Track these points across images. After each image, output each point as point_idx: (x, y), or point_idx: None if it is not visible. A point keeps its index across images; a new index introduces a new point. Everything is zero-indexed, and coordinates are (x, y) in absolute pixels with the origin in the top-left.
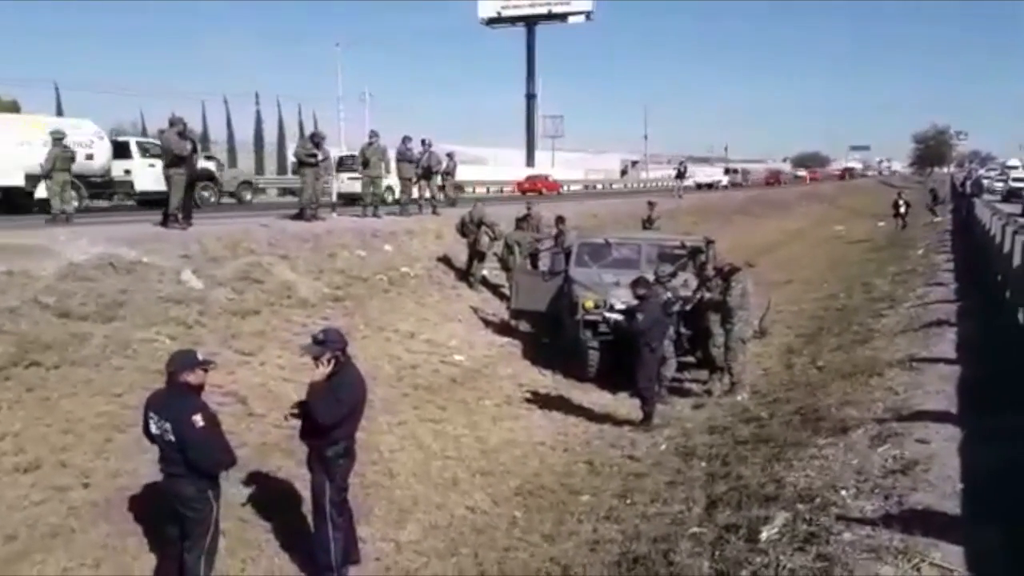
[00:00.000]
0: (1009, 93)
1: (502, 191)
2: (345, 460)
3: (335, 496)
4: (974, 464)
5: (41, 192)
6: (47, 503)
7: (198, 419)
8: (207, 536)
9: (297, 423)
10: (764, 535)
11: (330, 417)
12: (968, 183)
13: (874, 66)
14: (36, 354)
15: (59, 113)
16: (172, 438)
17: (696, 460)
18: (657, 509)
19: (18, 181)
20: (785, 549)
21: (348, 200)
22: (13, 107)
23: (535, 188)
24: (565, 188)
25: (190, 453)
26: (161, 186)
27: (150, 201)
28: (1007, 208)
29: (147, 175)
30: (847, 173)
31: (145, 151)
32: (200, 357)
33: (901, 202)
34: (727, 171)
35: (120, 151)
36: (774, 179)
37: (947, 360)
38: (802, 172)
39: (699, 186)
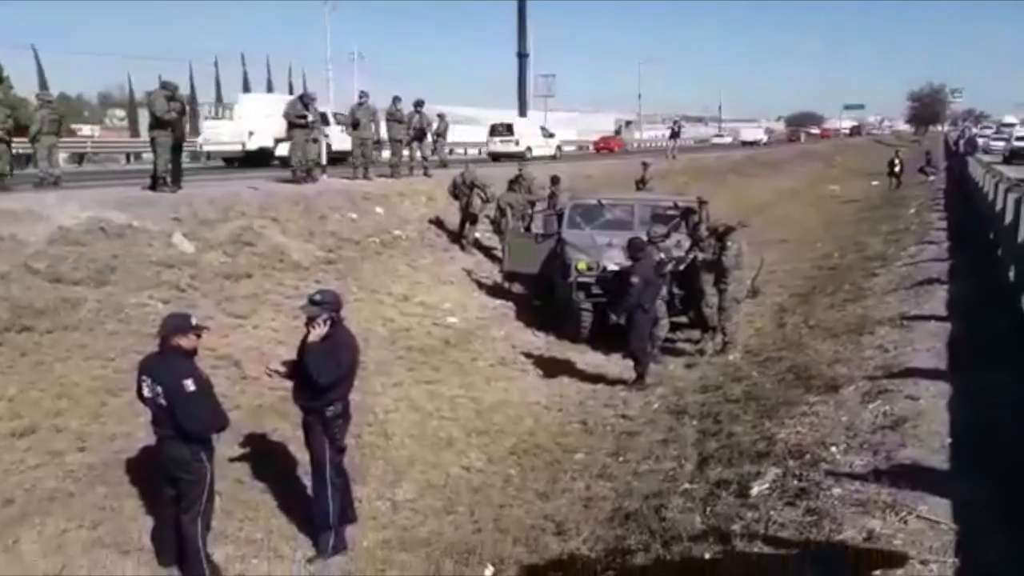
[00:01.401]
0: (1004, 52)
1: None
2: (342, 420)
3: (334, 456)
4: (962, 420)
5: (281, 151)
6: (44, 467)
7: (189, 383)
8: (202, 497)
9: (288, 386)
10: (755, 491)
11: (328, 378)
12: (961, 142)
13: (867, 24)
14: (28, 319)
15: (40, 78)
16: (164, 402)
17: (688, 418)
18: (649, 466)
19: (268, 143)
20: (775, 504)
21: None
22: None
23: (609, 147)
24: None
25: (180, 416)
26: (347, 145)
27: (334, 159)
28: (1011, 172)
29: (339, 138)
30: (855, 131)
31: (337, 120)
32: (193, 321)
33: (897, 161)
34: (767, 131)
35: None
36: (796, 136)
37: (938, 318)
38: (815, 130)
39: (744, 143)
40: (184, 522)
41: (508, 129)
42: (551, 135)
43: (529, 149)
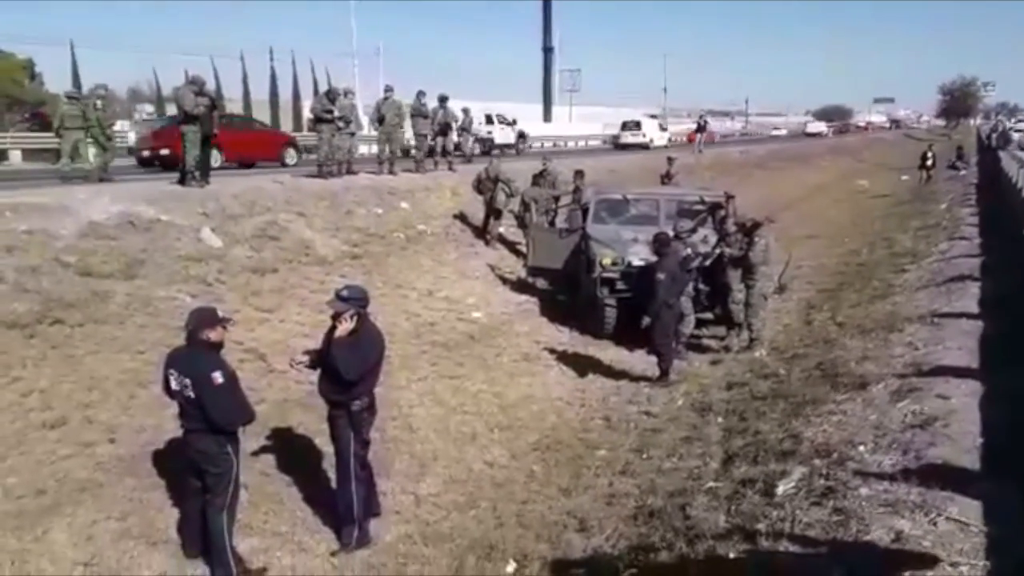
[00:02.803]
0: None
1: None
2: (368, 414)
3: (359, 450)
4: (995, 420)
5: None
6: (74, 458)
7: (217, 376)
8: (228, 490)
9: (313, 379)
10: (780, 489)
11: (355, 373)
12: (994, 136)
13: (896, 16)
14: (59, 312)
15: (74, 72)
16: (192, 394)
17: (713, 416)
18: (673, 464)
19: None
20: (801, 503)
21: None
22: (29, 66)
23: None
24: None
25: (209, 409)
26: (508, 139)
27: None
28: None
29: (500, 134)
30: (895, 124)
31: (501, 120)
32: (220, 314)
33: (930, 154)
34: (828, 124)
35: (488, 120)
36: (845, 128)
37: (969, 315)
38: (862, 123)
39: (807, 135)
40: (210, 514)
41: (637, 125)
42: (665, 129)
43: (652, 140)
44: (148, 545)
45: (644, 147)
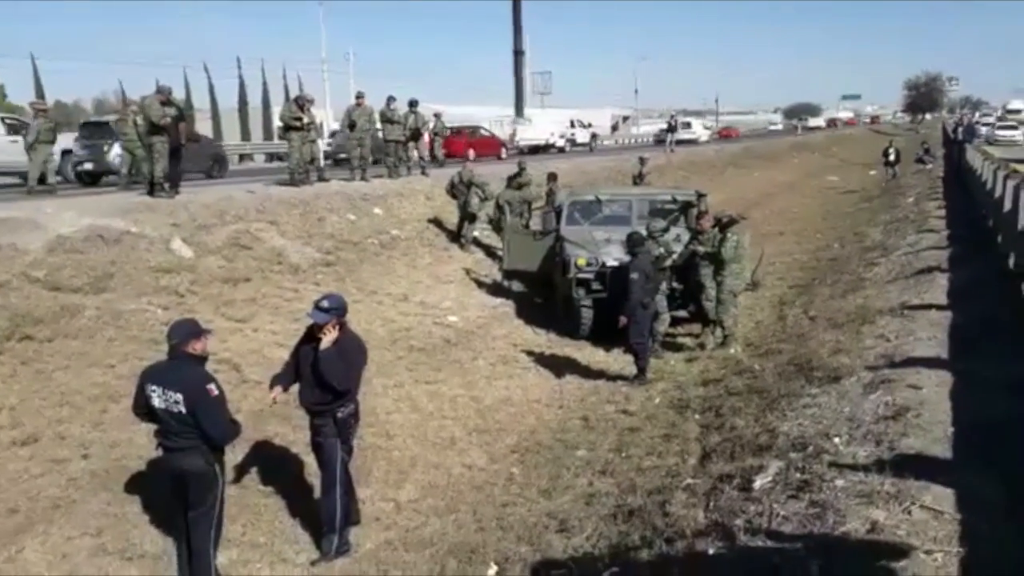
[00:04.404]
0: (999, 38)
1: None
2: (354, 420)
3: (346, 457)
4: (965, 409)
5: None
6: (47, 475)
7: (212, 387)
8: (216, 506)
9: (290, 391)
10: (758, 484)
11: (345, 382)
12: (960, 129)
13: (862, 13)
14: (28, 328)
15: (37, 85)
16: (183, 409)
17: (690, 413)
18: (652, 462)
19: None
20: (778, 497)
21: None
22: None
23: (729, 135)
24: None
25: (205, 424)
26: (585, 139)
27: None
28: None
29: (581, 134)
30: (875, 119)
31: (581, 124)
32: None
33: (891, 151)
34: (826, 120)
35: (572, 124)
36: (833, 123)
37: (938, 306)
38: (846, 117)
39: (807, 128)
40: (197, 535)
41: (688, 124)
42: (708, 127)
43: (699, 136)
44: (124, 560)
45: (694, 142)
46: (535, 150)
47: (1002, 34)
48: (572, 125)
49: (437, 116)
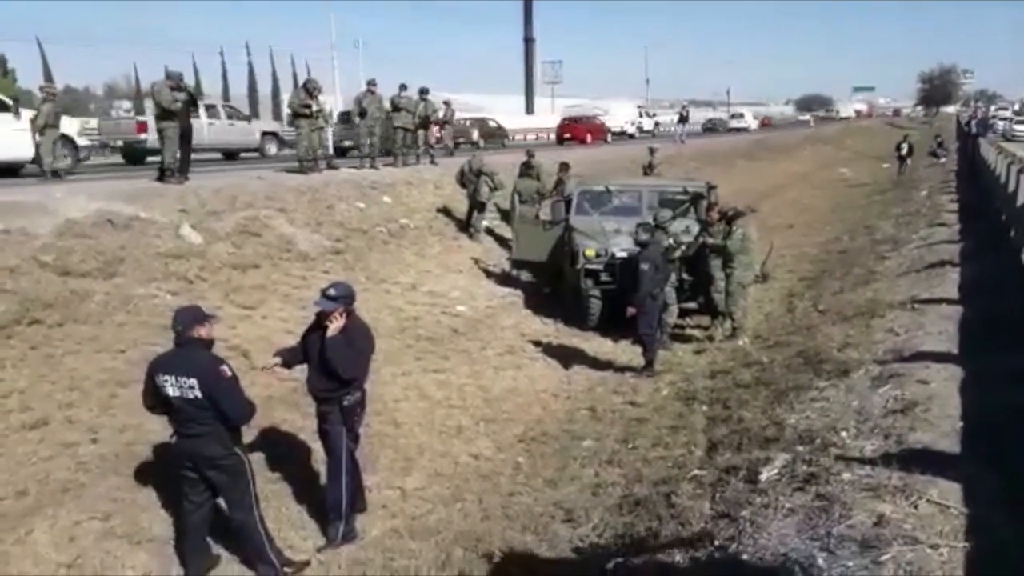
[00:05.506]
0: (1015, 31)
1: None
2: (360, 408)
3: (350, 445)
4: (975, 404)
5: None
6: (56, 459)
7: (225, 369)
8: (251, 488)
9: (297, 376)
10: (764, 476)
11: (353, 369)
12: (974, 123)
13: (876, 6)
14: (38, 312)
15: (45, 70)
16: (199, 394)
17: (697, 404)
18: (659, 453)
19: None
20: (785, 489)
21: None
22: (1, 62)
23: (766, 124)
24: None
25: (224, 406)
26: (649, 127)
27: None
28: None
29: (646, 122)
30: (896, 112)
31: (647, 114)
32: (205, 311)
33: (905, 145)
34: (855, 111)
35: (639, 114)
36: (859, 114)
37: (949, 300)
38: (864, 108)
39: (842, 118)
40: (238, 518)
41: (740, 115)
42: (757, 117)
43: (750, 126)
44: (132, 544)
45: (745, 130)
46: (616, 135)
47: (1019, 28)
48: (640, 115)
49: (447, 104)
